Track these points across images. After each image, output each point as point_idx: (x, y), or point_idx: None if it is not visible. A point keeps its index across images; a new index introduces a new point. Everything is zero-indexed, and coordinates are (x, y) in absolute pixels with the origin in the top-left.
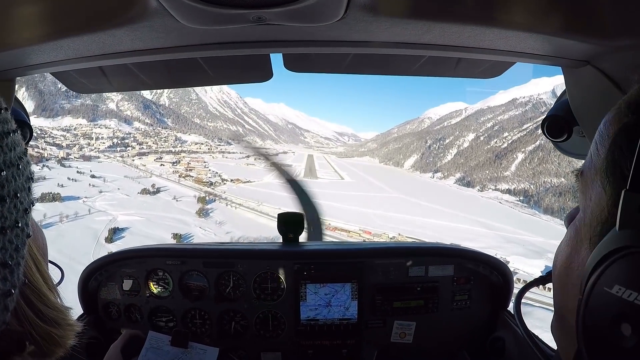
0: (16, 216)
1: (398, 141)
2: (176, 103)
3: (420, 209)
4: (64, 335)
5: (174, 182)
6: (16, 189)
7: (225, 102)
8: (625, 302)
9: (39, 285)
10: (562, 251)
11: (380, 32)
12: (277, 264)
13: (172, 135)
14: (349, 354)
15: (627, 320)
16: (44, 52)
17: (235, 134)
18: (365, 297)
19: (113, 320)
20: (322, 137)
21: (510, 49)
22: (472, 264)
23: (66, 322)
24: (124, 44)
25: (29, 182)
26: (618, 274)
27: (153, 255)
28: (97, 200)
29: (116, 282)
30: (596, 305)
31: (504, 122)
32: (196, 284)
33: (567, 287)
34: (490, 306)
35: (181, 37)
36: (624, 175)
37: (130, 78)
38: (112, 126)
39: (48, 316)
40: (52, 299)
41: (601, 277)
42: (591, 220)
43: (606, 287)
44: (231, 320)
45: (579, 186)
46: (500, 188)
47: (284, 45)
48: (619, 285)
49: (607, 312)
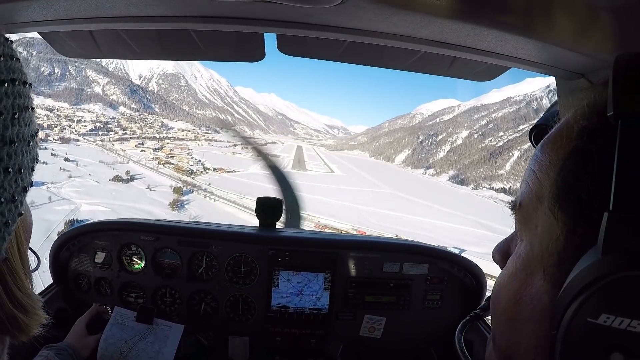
0: (14, 191)
1: (389, 136)
2: (165, 89)
3: (415, 207)
4: (29, 323)
5: (152, 170)
6: (21, 165)
7: (215, 90)
8: (615, 331)
9: (16, 267)
10: (507, 285)
11: (379, 21)
12: (252, 247)
13: (158, 121)
14: (317, 344)
15: (618, 350)
16: (33, 9)
17: (224, 123)
18: (338, 289)
19: (83, 292)
20: (312, 129)
21: (506, 52)
22: (447, 264)
23: (34, 311)
24: (117, 9)
25: (33, 162)
26: (606, 302)
27: (128, 229)
28: (63, 187)
29: (88, 254)
30: (578, 339)
31: (498, 120)
32: (169, 261)
33: (517, 323)
34: (461, 308)
35: (176, 7)
36: (580, 200)
37: (119, 45)
38: (97, 110)
39: (18, 300)
40: (26, 283)
41: (582, 308)
42: (541, 251)
43: (590, 318)
44: (201, 301)
45: (518, 218)
46: (494, 187)
47: (280, 26)
48: (607, 314)
49: (593, 344)
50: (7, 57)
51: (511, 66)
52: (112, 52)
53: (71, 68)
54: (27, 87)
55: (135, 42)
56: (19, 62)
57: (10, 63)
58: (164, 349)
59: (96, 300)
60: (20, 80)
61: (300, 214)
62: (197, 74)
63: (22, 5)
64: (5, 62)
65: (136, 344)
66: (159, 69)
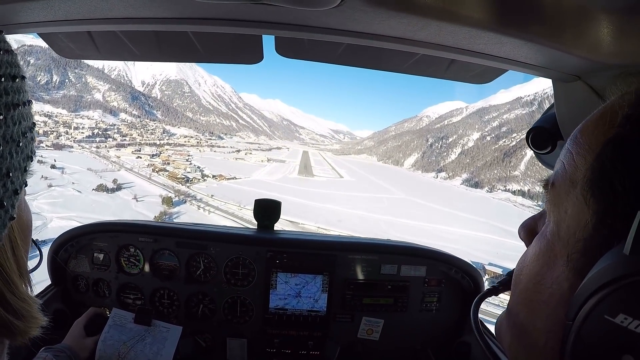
0: (2, 196)
1: (397, 139)
2: (168, 96)
3: (435, 214)
4: (25, 328)
5: (144, 178)
6: (9, 168)
7: (219, 96)
8: (631, 333)
9: (10, 272)
10: (529, 265)
11: (376, 23)
12: (250, 249)
13: (160, 127)
14: (315, 346)
15: (630, 352)
16: (33, 10)
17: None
18: (336, 291)
19: (81, 293)
20: (318, 134)
21: (503, 55)
22: (445, 267)
23: (30, 315)
24: (115, 10)
25: (27, 161)
26: (626, 303)
27: (126, 231)
28: (36, 199)
29: (87, 255)
30: (592, 334)
31: (511, 121)
32: (167, 263)
33: (535, 304)
34: (459, 310)
35: (175, 9)
36: (614, 190)
37: (118, 47)
38: (96, 117)
39: (13, 306)
40: (20, 287)
41: (601, 304)
42: (568, 236)
43: (608, 316)
44: (199, 303)
45: (549, 197)
46: (510, 189)
47: (278, 28)
48: (624, 315)
49: (606, 343)
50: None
51: (508, 68)
52: (111, 54)
53: (71, 75)
54: (17, 82)
55: (134, 44)
56: (10, 54)
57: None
58: (162, 350)
59: (94, 302)
60: (8, 75)
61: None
62: (200, 80)
63: (21, 6)
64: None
65: (134, 346)
66: (162, 75)
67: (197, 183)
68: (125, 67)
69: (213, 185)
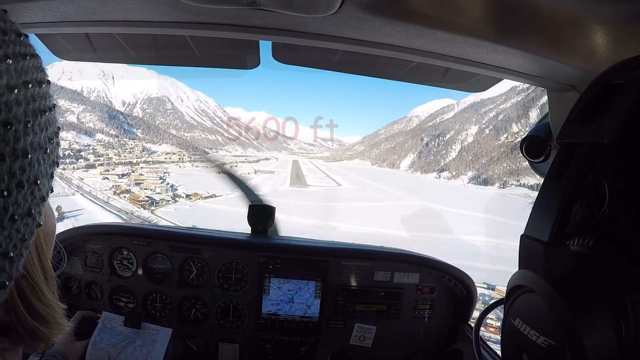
0: (30, 204)
1: (389, 141)
2: (150, 114)
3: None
4: (49, 334)
5: (99, 203)
6: (37, 175)
7: (203, 111)
8: (522, 335)
9: (36, 279)
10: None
11: (372, 31)
12: (244, 254)
13: (139, 146)
14: (307, 352)
15: (525, 351)
16: (31, 11)
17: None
18: (329, 297)
19: (73, 295)
20: (306, 144)
21: (497, 64)
22: (438, 274)
23: (55, 321)
24: (113, 13)
25: (53, 167)
26: (519, 309)
27: (120, 233)
28: None
29: (79, 257)
30: (506, 334)
31: (507, 109)
32: (160, 266)
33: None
34: (451, 318)
35: (173, 13)
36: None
37: (115, 49)
38: (69, 138)
39: (38, 312)
40: (46, 294)
41: (510, 309)
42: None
43: (511, 319)
44: (192, 307)
45: None
46: (525, 183)
47: (275, 34)
48: (519, 319)
49: (511, 342)
50: (19, 57)
51: (503, 77)
52: (108, 56)
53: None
54: (43, 87)
55: (132, 47)
56: (35, 58)
57: (22, 64)
58: (152, 352)
59: (86, 304)
60: (35, 80)
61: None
62: (183, 96)
63: (19, 7)
64: (15, 63)
65: (124, 348)
66: (142, 93)
67: (164, 206)
68: (105, 88)
69: (185, 207)
